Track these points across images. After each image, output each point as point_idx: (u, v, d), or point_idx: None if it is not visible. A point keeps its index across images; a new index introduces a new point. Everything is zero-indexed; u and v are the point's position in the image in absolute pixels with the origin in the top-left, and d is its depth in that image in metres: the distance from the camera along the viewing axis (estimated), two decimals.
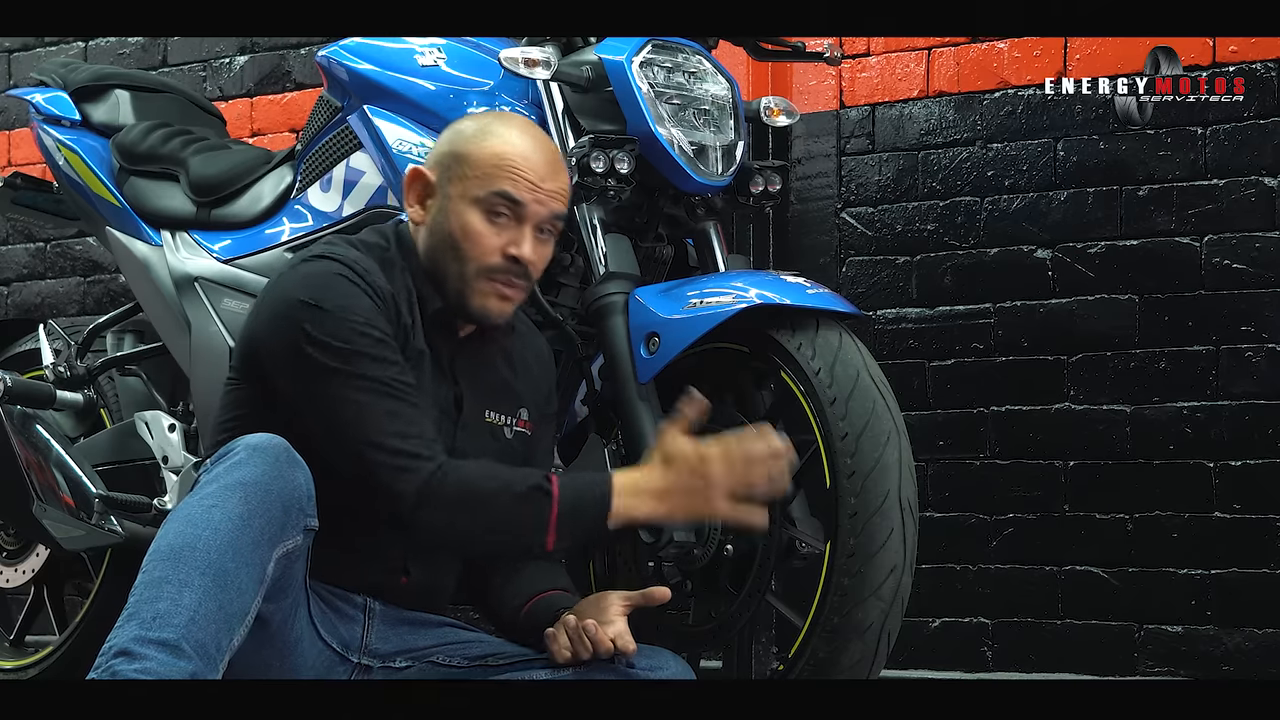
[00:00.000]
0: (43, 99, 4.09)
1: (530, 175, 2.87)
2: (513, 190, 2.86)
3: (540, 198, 2.87)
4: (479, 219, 2.86)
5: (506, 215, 2.86)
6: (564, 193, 2.92)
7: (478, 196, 2.86)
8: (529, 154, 2.89)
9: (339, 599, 2.84)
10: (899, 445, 3.08)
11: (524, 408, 3.01)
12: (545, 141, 2.95)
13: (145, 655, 2.45)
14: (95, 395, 4.07)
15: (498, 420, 2.97)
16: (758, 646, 3.44)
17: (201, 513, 2.56)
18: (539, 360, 3.08)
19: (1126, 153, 4.19)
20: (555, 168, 2.91)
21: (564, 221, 2.93)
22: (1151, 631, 4.13)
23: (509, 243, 2.86)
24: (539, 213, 2.87)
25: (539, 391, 3.06)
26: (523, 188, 2.86)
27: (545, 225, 2.89)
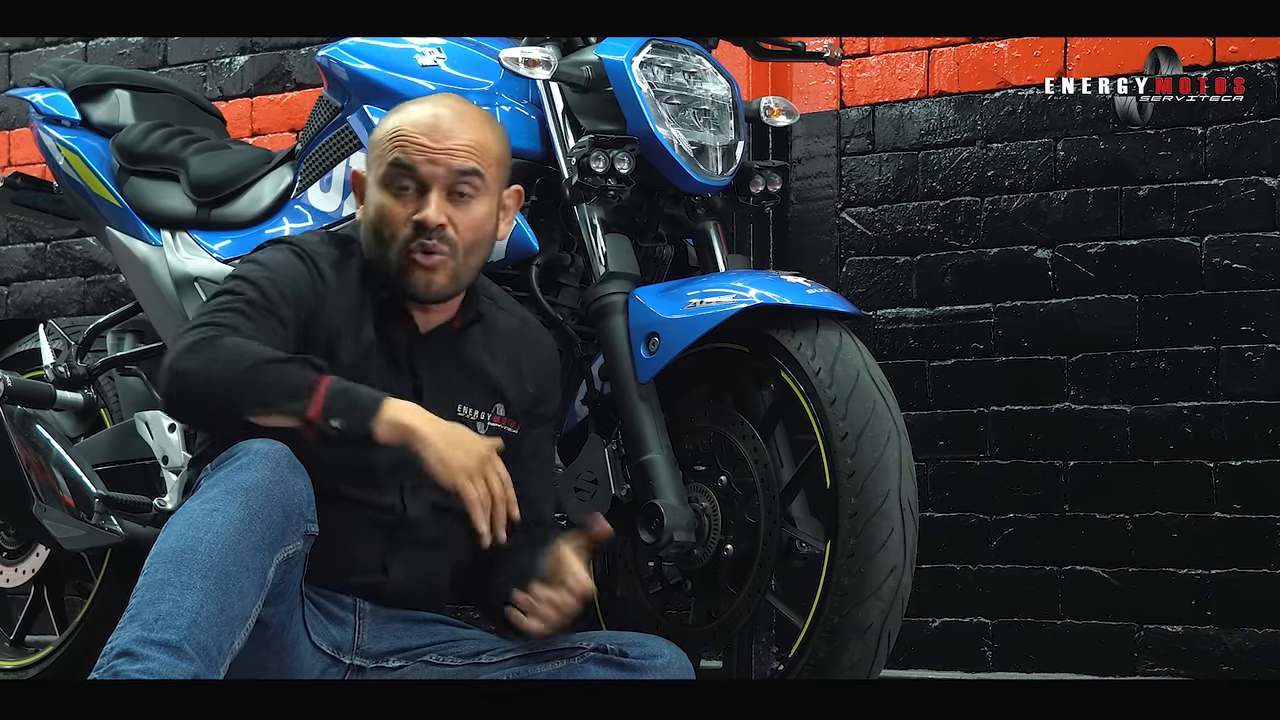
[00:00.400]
0: (43, 99, 4.09)
1: (420, 139, 2.82)
2: (403, 156, 2.82)
3: (434, 157, 2.82)
4: (386, 197, 2.84)
5: (408, 185, 2.83)
6: (471, 147, 2.84)
7: (380, 175, 2.84)
8: (420, 119, 2.84)
9: (329, 601, 2.84)
10: (899, 445, 3.09)
11: (502, 403, 2.95)
12: (454, 105, 2.90)
13: (147, 656, 2.46)
14: (95, 395, 4.07)
15: (470, 415, 2.91)
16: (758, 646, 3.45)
17: (203, 516, 2.56)
18: (535, 358, 3.02)
19: (1126, 153, 4.19)
20: (458, 125, 2.85)
21: (477, 177, 2.84)
22: (1151, 631, 4.13)
23: (414, 211, 2.82)
24: (436, 173, 2.82)
25: (528, 389, 2.99)
26: (412, 151, 2.82)
27: (456, 185, 2.83)
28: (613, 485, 3.24)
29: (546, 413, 3.05)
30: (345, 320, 2.85)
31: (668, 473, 3.17)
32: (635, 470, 3.19)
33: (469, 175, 2.84)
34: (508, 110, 3.44)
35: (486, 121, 2.91)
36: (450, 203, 2.83)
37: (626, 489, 3.23)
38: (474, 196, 2.85)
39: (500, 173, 2.90)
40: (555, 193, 3.38)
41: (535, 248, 3.35)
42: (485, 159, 2.86)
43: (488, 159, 2.86)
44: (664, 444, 3.19)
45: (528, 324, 3.05)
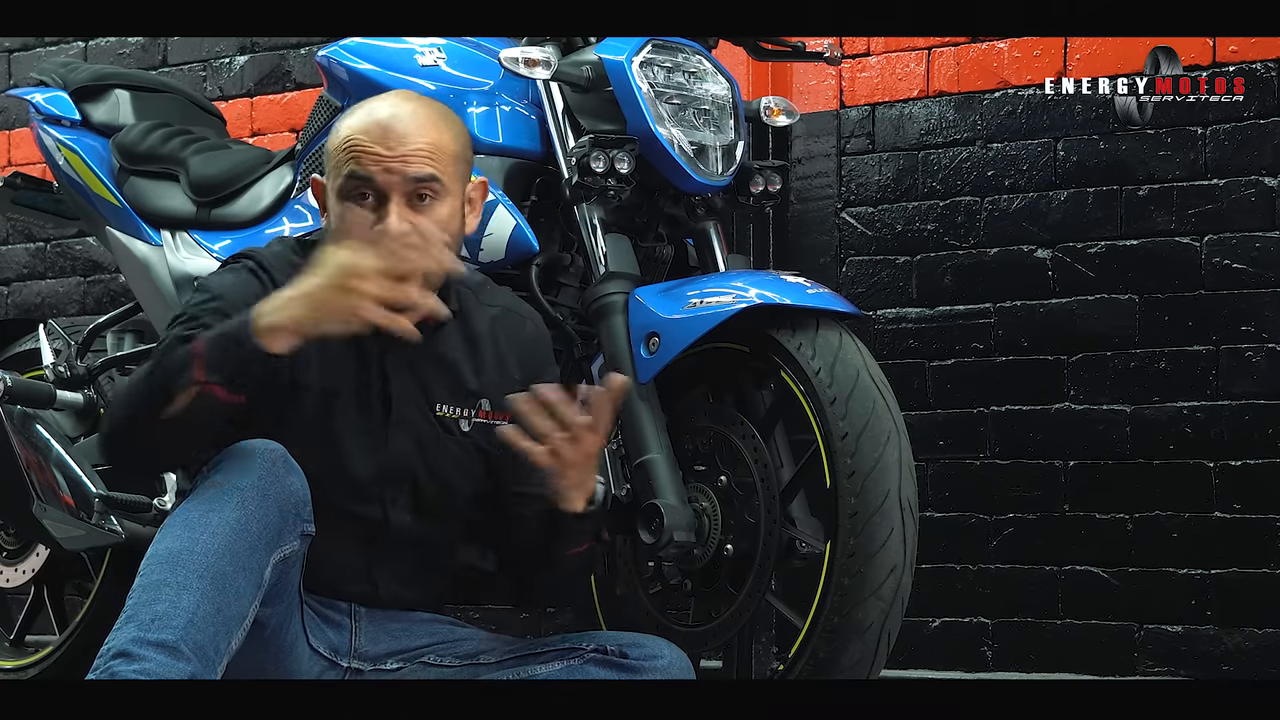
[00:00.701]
0: (43, 99, 4.09)
1: (375, 148, 2.75)
2: (358, 169, 2.75)
3: (389, 166, 2.74)
4: (344, 209, 2.78)
5: (366, 195, 2.76)
6: (427, 151, 2.76)
7: (338, 187, 2.78)
8: (371, 126, 2.77)
9: (325, 606, 2.83)
10: (899, 445, 3.09)
11: (486, 399, 2.88)
12: (404, 105, 2.81)
13: (144, 656, 2.45)
14: (95, 395, 4.07)
15: (450, 414, 2.87)
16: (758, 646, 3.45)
17: (199, 517, 2.56)
18: (520, 343, 2.94)
19: (1126, 153, 4.19)
20: (411, 130, 2.77)
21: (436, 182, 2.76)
22: (1151, 631, 4.13)
23: (375, 221, 2.75)
24: (393, 181, 2.75)
25: (514, 377, 2.90)
26: (367, 162, 2.75)
27: (414, 190, 2.76)
28: (613, 485, 3.24)
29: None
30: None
31: (668, 473, 3.17)
32: (635, 470, 3.19)
33: (426, 181, 2.77)
34: (508, 110, 3.44)
35: (441, 119, 2.82)
36: (411, 208, 2.76)
37: (626, 489, 3.23)
38: (435, 199, 2.78)
39: (460, 168, 2.82)
40: (555, 193, 3.38)
41: (535, 248, 3.35)
42: (442, 160, 2.78)
43: (444, 160, 2.79)
44: (664, 444, 3.19)
45: (509, 311, 2.96)
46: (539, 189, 3.41)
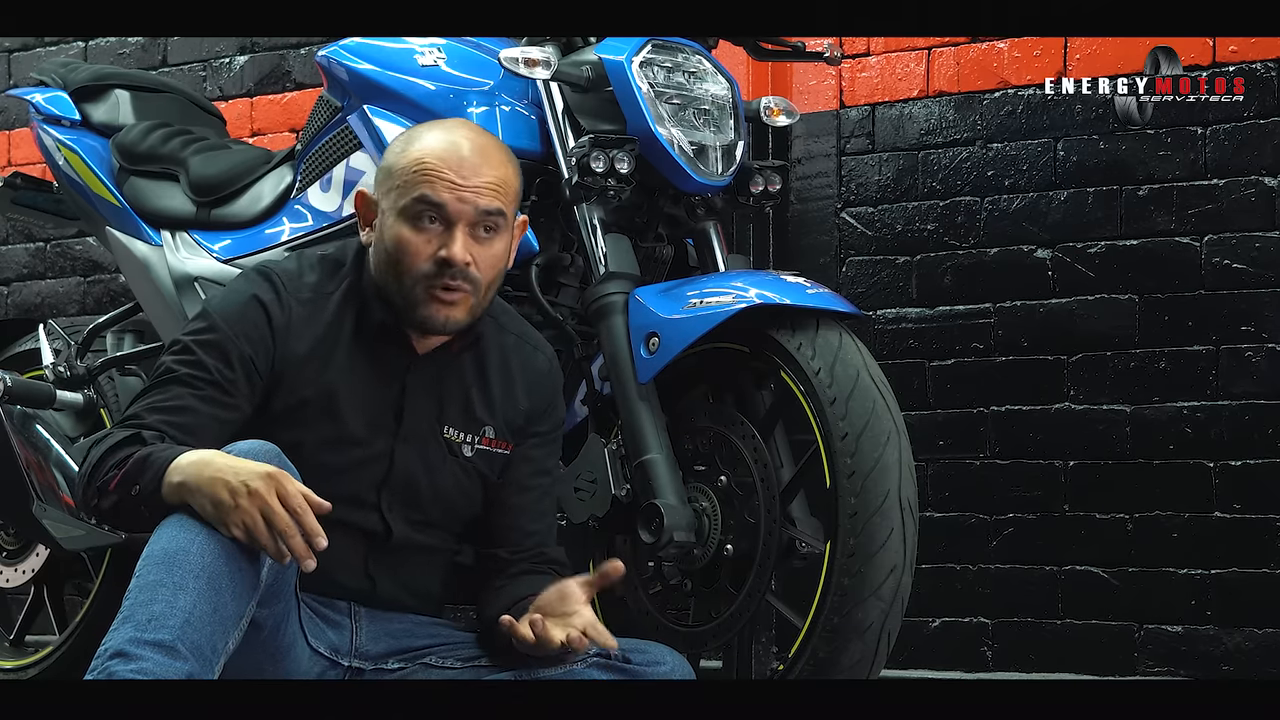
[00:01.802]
0: (43, 99, 4.09)
1: (449, 175, 2.78)
2: (430, 193, 2.78)
3: (463, 195, 2.78)
4: (407, 229, 2.79)
5: (433, 220, 2.79)
6: (496, 186, 2.81)
7: (403, 207, 2.79)
8: (447, 153, 2.80)
9: (325, 606, 2.84)
10: (899, 445, 3.08)
11: (491, 426, 2.91)
12: (475, 138, 2.85)
13: (141, 656, 2.45)
14: (95, 395, 4.07)
15: (456, 437, 2.89)
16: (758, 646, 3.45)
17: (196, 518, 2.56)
18: (530, 374, 2.97)
19: (1126, 153, 4.19)
20: (483, 162, 2.81)
21: (501, 217, 2.81)
22: (1151, 631, 4.12)
23: (439, 247, 2.78)
24: (464, 211, 2.78)
25: (520, 406, 2.94)
26: (441, 188, 2.78)
27: (481, 222, 2.80)
28: (613, 485, 3.24)
29: (543, 429, 2.98)
30: (309, 354, 2.82)
31: (668, 473, 3.17)
32: (635, 470, 3.19)
33: (494, 215, 2.81)
34: (508, 110, 3.44)
35: (507, 156, 2.87)
36: (473, 240, 2.80)
37: (626, 489, 3.23)
38: (496, 234, 2.82)
39: (516, 205, 2.88)
40: (555, 193, 3.38)
41: (535, 248, 3.35)
42: (508, 197, 2.83)
43: (509, 196, 2.83)
44: (664, 444, 3.19)
45: (524, 340, 2.99)
46: (539, 189, 3.41)
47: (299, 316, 2.83)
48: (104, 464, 2.69)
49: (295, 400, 2.81)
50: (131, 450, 2.67)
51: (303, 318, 2.83)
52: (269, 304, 2.82)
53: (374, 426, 2.84)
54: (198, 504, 2.56)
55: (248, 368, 2.78)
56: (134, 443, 2.69)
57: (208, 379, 2.76)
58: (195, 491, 2.56)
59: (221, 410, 2.77)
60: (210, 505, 2.55)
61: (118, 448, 2.69)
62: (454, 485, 2.89)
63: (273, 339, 2.81)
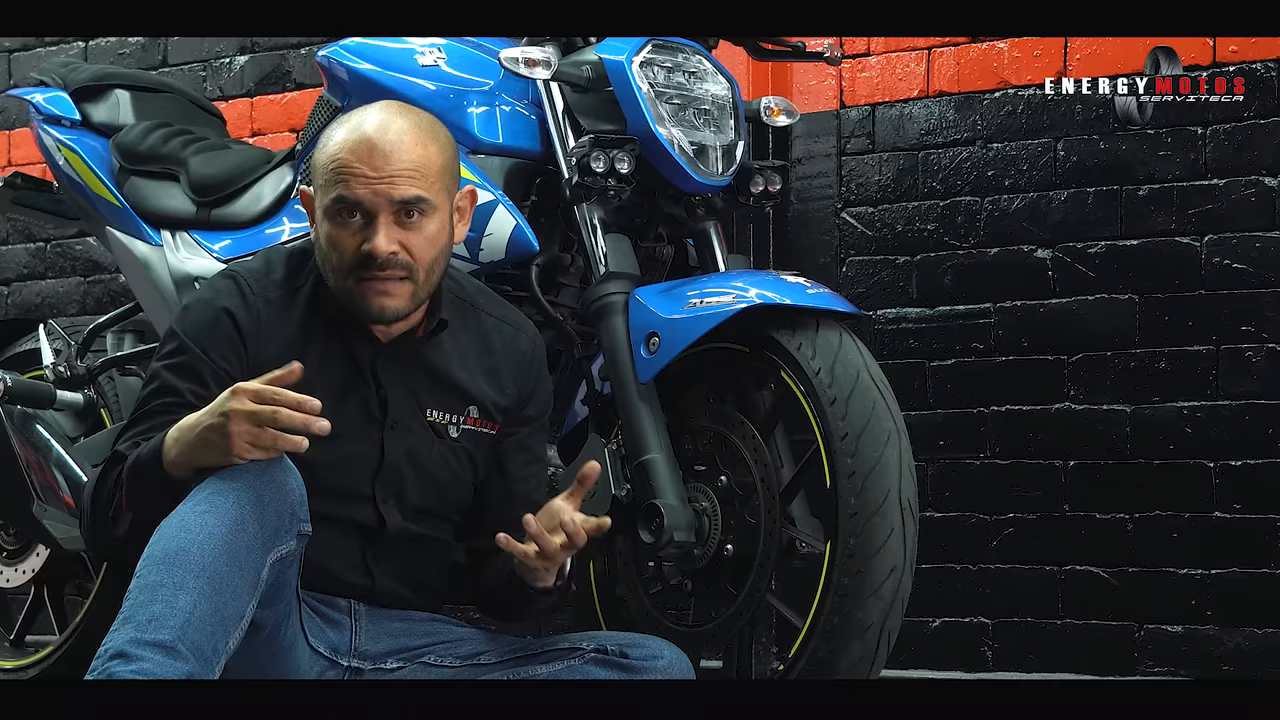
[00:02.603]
0: (43, 99, 4.08)
1: (361, 169, 2.75)
2: (345, 192, 2.76)
3: (376, 188, 2.75)
4: (332, 227, 2.79)
5: (353, 214, 2.77)
6: (412, 171, 2.76)
7: (325, 207, 2.79)
8: (358, 146, 2.77)
9: (324, 604, 2.84)
10: (899, 445, 3.09)
11: (475, 405, 2.91)
12: (389, 123, 2.80)
13: (141, 657, 2.45)
14: (95, 395, 4.07)
15: (440, 419, 2.89)
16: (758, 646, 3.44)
17: (195, 517, 2.56)
18: (513, 356, 2.96)
19: (1126, 153, 4.19)
20: (395, 149, 2.76)
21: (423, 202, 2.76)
22: (1151, 631, 4.12)
23: (362, 241, 2.76)
24: (379, 202, 2.76)
25: (506, 389, 2.94)
26: (355, 185, 2.76)
27: (404, 209, 2.77)
28: (613, 485, 3.24)
29: (533, 413, 2.99)
30: (283, 353, 2.80)
31: (668, 473, 3.17)
32: (635, 470, 3.19)
33: (413, 202, 2.77)
34: (508, 110, 3.44)
35: (427, 133, 2.81)
36: (399, 226, 2.77)
37: (626, 489, 3.23)
38: (422, 216, 2.79)
39: (447, 181, 2.83)
40: (555, 193, 3.38)
41: (535, 248, 3.35)
42: (428, 179, 2.79)
43: (431, 176, 2.79)
44: (664, 444, 3.19)
45: (505, 321, 2.98)
46: (539, 189, 3.42)
47: (268, 317, 2.83)
48: (101, 494, 2.71)
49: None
50: (119, 469, 2.68)
51: (272, 317, 2.83)
52: (235, 310, 2.82)
53: (360, 419, 2.85)
54: (201, 459, 2.57)
55: (221, 380, 2.77)
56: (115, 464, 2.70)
57: (182, 404, 2.75)
58: (193, 450, 2.58)
59: None
60: (207, 447, 2.56)
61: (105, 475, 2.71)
62: (443, 468, 2.89)
63: (244, 345, 2.81)
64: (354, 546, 2.85)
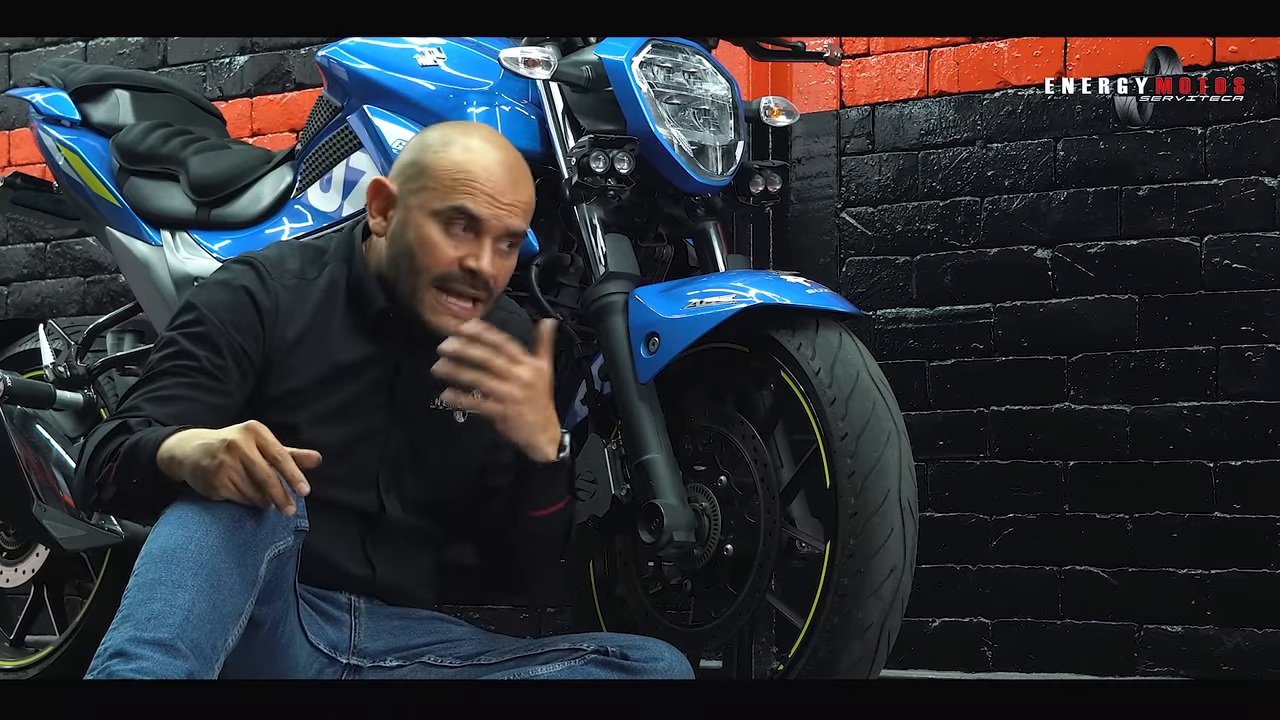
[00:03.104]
0: (43, 99, 4.08)
1: (489, 189, 2.86)
2: (471, 205, 2.86)
3: (499, 213, 2.87)
4: (437, 231, 2.86)
5: (465, 229, 2.86)
6: (524, 206, 2.91)
7: (436, 209, 2.86)
8: (490, 167, 2.88)
9: (324, 600, 2.85)
10: (899, 445, 3.08)
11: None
12: (509, 154, 2.94)
13: (141, 655, 2.46)
14: (95, 395, 4.07)
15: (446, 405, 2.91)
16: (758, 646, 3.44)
17: (192, 514, 2.56)
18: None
19: (1126, 153, 4.19)
20: (517, 181, 2.91)
21: (523, 237, 2.93)
22: (1151, 631, 4.12)
23: (467, 255, 2.86)
24: (497, 228, 2.87)
25: None
26: (481, 202, 2.86)
27: (505, 239, 2.90)
28: (613, 485, 3.24)
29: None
30: (298, 339, 2.85)
31: (668, 473, 3.17)
32: (635, 470, 3.19)
33: (519, 235, 2.91)
34: (508, 110, 3.44)
35: (530, 176, 2.97)
36: (498, 254, 2.89)
37: (626, 489, 3.23)
38: (513, 251, 2.92)
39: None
40: (555, 193, 3.38)
41: (535, 248, 3.35)
42: (529, 218, 2.94)
43: (530, 217, 2.94)
44: (664, 444, 3.19)
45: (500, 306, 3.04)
46: (539, 189, 3.41)
47: (285, 302, 2.86)
48: (97, 458, 2.71)
49: (287, 385, 2.84)
50: (121, 440, 2.69)
51: (289, 303, 2.87)
52: (255, 291, 2.85)
53: (367, 407, 2.86)
54: (185, 473, 2.58)
55: (238, 355, 2.81)
56: (122, 433, 2.71)
57: (197, 367, 2.79)
58: (182, 461, 2.59)
59: (213, 397, 2.79)
60: (196, 470, 2.57)
61: (108, 440, 2.71)
62: (446, 456, 2.93)
63: (262, 325, 2.83)
64: (354, 536, 2.87)
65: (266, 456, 2.55)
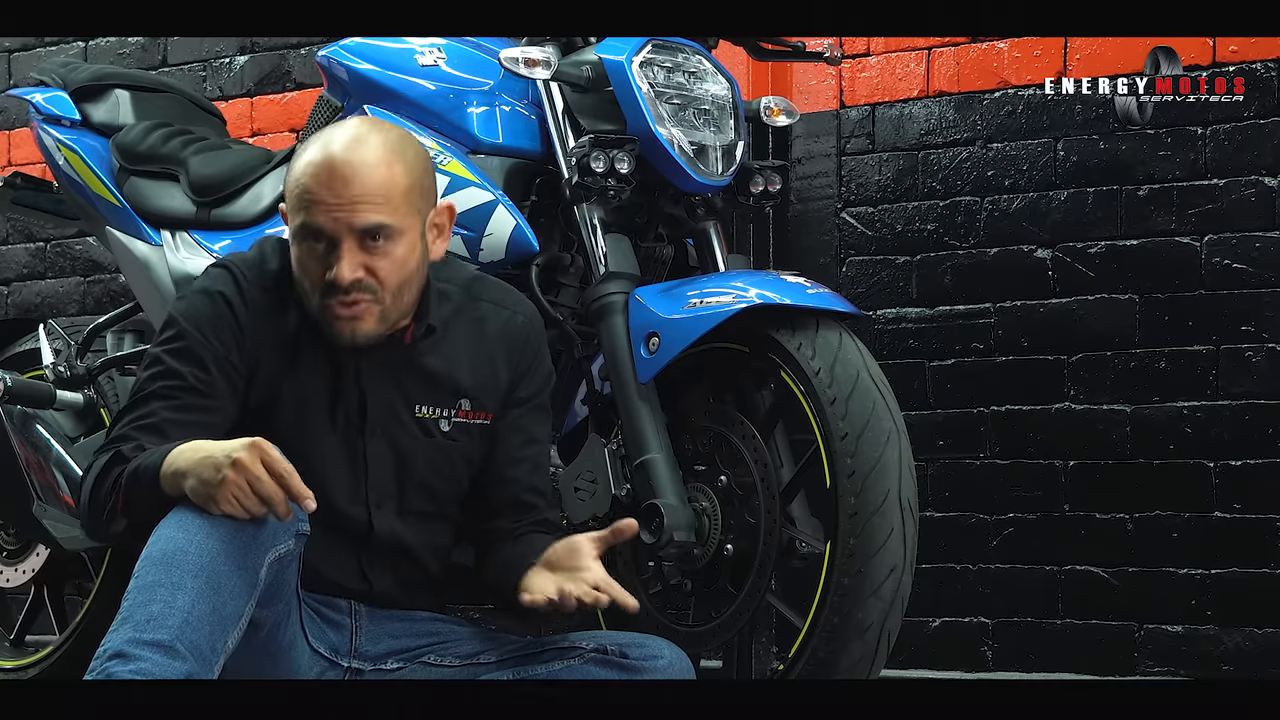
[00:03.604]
0: (43, 99, 4.08)
1: (324, 194, 2.72)
2: (309, 219, 2.73)
3: (337, 215, 2.72)
4: (301, 252, 2.77)
5: (319, 240, 2.74)
6: (376, 194, 2.72)
7: (293, 232, 2.78)
8: (320, 172, 2.73)
9: (325, 605, 2.84)
10: (899, 445, 3.08)
11: (467, 399, 2.90)
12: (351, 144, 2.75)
13: (140, 656, 2.45)
14: (95, 395, 4.07)
15: (431, 414, 2.88)
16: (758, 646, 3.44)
17: (193, 517, 2.56)
18: (508, 340, 2.94)
19: (1126, 153, 4.19)
20: (356, 174, 2.72)
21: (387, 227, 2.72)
22: (1151, 631, 4.12)
23: (326, 268, 2.74)
24: (343, 231, 2.73)
25: (500, 376, 2.93)
26: (318, 212, 2.73)
27: (368, 234, 2.73)
28: (613, 485, 3.24)
29: (526, 394, 2.96)
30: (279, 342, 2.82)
31: (668, 473, 3.17)
32: (635, 470, 3.19)
33: (374, 229, 2.74)
34: (508, 110, 3.44)
35: (392, 153, 2.76)
36: (364, 251, 2.74)
37: (626, 489, 3.23)
38: (388, 241, 2.75)
39: (416, 201, 2.79)
40: (555, 193, 3.38)
41: (535, 248, 3.35)
42: (392, 203, 2.74)
43: (395, 200, 2.75)
44: (664, 444, 3.19)
45: (499, 306, 2.96)
46: (539, 189, 3.41)
47: (262, 305, 2.83)
48: (99, 493, 2.70)
49: (272, 394, 2.81)
50: (120, 470, 2.68)
51: (265, 305, 2.83)
52: (230, 297, 2.82)
53: (342, 424, 2.84)
54: (189, 486, 2.56)
55: (223, 365, 2.78)
56: (119, 463, 2.70)
57: (184, 386, 2.76)
58: (187, 474, 2.57)
59: (202, 415, 2.77)
60: (199, 484, 2.55)
61: (106, 472, 2.70)
62: (431, 466, 2.88)
63: (240, 330, 2.81)
64: (349, 553, 2.86)
65: (272, 473, 2.54)
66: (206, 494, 2.55)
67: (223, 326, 2.80)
